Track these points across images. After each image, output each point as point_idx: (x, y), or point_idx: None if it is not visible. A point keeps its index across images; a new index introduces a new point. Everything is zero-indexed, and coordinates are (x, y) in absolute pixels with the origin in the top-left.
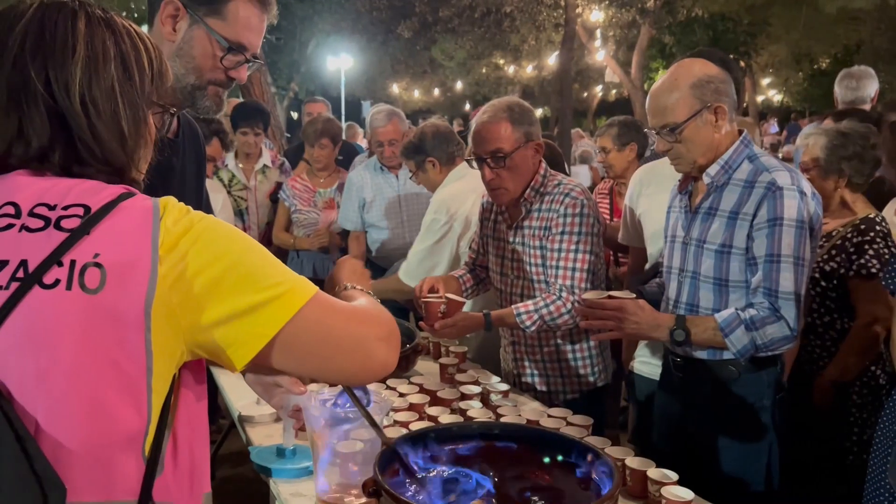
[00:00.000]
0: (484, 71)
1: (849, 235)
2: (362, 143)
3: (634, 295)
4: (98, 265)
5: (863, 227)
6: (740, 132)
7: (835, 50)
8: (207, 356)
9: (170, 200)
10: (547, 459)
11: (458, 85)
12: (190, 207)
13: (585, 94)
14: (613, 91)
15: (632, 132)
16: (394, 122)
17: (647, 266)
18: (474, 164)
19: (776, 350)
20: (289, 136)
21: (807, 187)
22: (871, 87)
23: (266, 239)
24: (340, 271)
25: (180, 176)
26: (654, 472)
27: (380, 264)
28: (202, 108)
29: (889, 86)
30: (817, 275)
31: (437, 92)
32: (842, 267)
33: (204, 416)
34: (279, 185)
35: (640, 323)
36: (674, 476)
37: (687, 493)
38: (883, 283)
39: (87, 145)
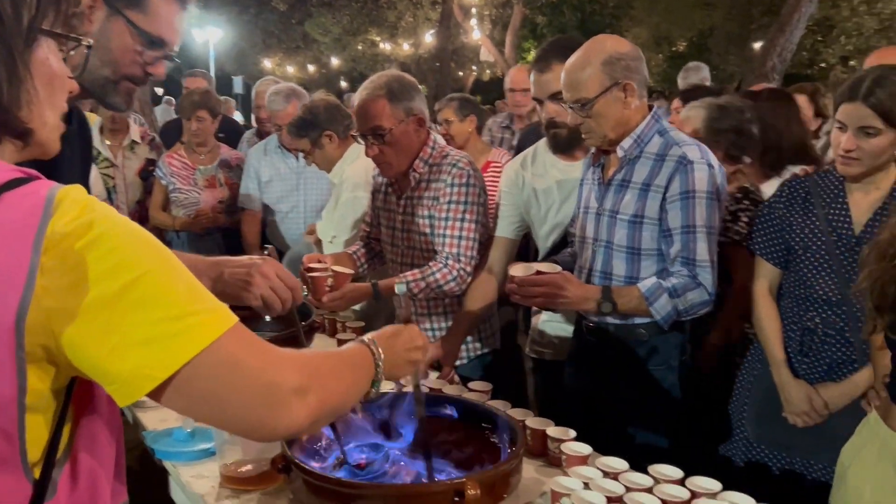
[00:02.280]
0: (360, 47)
1: (727, 205)
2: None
3: (559, 268)
4: None
5: (739, 195)
6: (650, 107)
7: (691, 34)
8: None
9: (70, 193)
10: (454, 424)
11: (334, 61)
12: (96, 201)
13: (461, 74)
14: (487, 71)
15: (470, 106)
16: (293, 104)
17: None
18: (360, 139)
19: (695, 314)
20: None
21: (714, 160)
22: (705, 72)
23: (138, 218)
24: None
25: (68, 168)
26: (553, 430)
27: (279, 248)
28: (112, 104)
29: (738, 68)
30: None
31: (311, 68)
32: (722, 235)
33: (114, 430)
34: (150, 162)
35: (570, 297)
36: (572, 433)
37: (585, 448)
38: (748, 244)
39: None
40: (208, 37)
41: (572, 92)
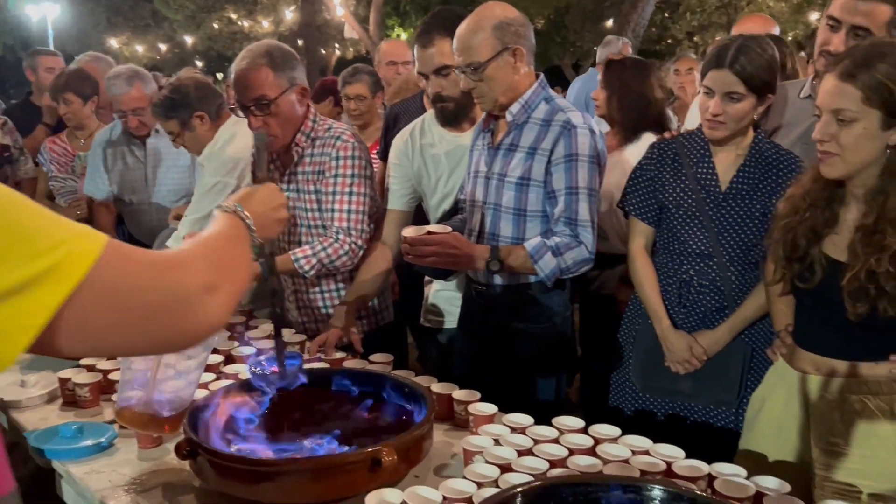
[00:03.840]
0: (216, 25)
1: None
2: None
3: (451, 229)
4: None
5: None
6: (537, 76)
7: (548, 11)
8: None
9: None
10: (362, 397)
11: (188, 40)
12: None
13: (323, 52)
14: (351, 49)
15: (380, 83)
16: (137, 87)
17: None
18: (239, 112)
19: (577, 272)
20: None
21: (595, 126)
22: (620, 44)
23: None
24: (246, 195)
25: None
26: (458, 394)
27: (140, 238)
28: None
29: (593, 44)
30: None
31: (163, 47)
32: None
33: None
34: (3, 148)
35: (459, 255)
36: (476, 394)
37: (491, 408)
38: (618, 205)
39: None
40: (45, 13)
41: (464, 56)
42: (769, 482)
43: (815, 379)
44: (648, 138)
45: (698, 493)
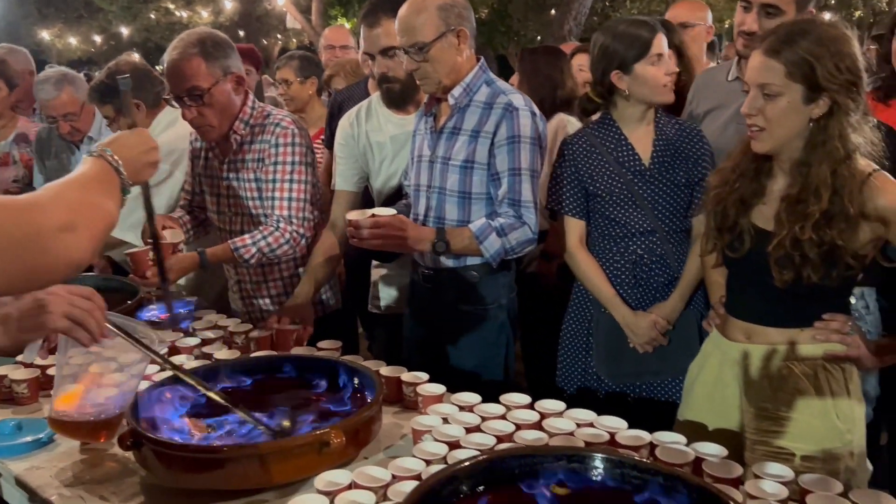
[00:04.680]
0: (153, 16)
1: None
2: None
3: (395, 211)
4: None
5: None
6: (478, 59)
7: (491, 0)
8: None
9: None
10: (310, 382)
11: (124, 31)
12: None
13: (266, 42)
14: (294, 39)
15: (312, 66)
16: (67, 92)
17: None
18: (174, 103)
19: (522, 252)
20: None
21: (536, 109)
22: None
23: None
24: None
25: None
26: (406, 376)
27: None
28: None
29: (538, 33)
30: None
31: (98, 39)
32: None
33: None
34: None
35: (405, 238)
36: (424, 376)
37: (439, 388)
38: (546, 207)
39: None
40: None
41: (408, 36)
42: (707, 448)
43: (746, 346)
44: (560, 118)
45: (638, 459)
